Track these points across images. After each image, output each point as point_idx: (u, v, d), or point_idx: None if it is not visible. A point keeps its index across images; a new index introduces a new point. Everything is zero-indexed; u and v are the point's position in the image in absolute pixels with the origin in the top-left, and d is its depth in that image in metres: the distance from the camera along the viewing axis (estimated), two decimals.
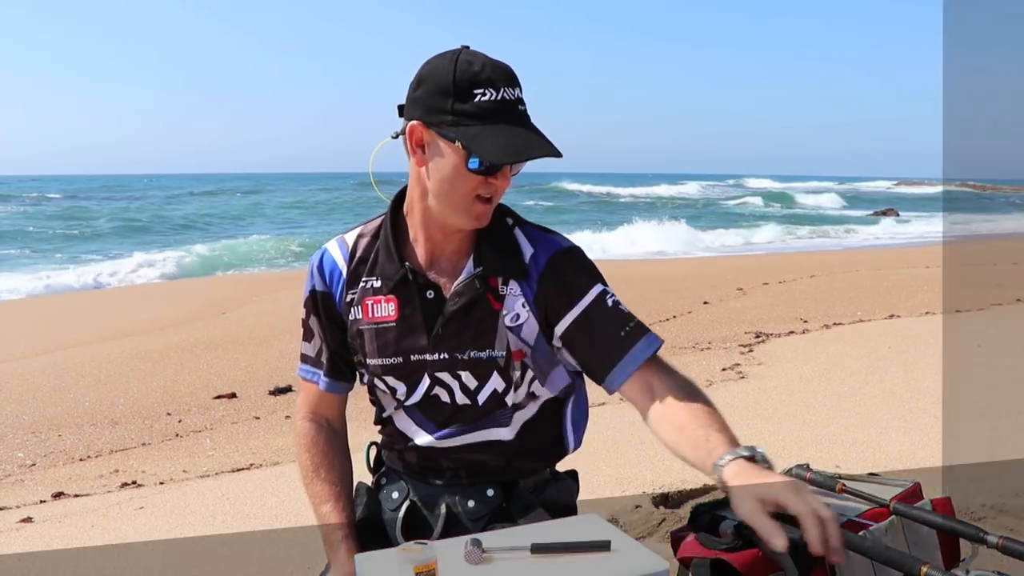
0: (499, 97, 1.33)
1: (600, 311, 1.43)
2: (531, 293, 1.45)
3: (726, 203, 39.42)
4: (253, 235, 22.08)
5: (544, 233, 1.51)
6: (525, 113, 1.37)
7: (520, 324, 1.45)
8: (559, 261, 1.46)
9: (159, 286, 13.16)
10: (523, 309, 1.45)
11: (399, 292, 1.46)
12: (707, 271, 12.86)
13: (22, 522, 3.67)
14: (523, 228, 1.51)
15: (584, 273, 1.46)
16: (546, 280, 1.44)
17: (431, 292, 1.46)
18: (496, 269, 1.45)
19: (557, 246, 1.48)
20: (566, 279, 1.45)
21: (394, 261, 1.46)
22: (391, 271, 1.46)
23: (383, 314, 1.48)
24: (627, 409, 3.99)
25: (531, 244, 1.48)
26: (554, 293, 1.44)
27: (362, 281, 1.49)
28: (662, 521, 3.09)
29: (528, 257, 1.46)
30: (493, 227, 1.47)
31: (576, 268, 1.47)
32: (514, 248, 1.47)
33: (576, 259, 1.48)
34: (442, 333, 1.45)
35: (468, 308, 1.44)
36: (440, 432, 1.49)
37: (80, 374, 6.54)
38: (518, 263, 1.46)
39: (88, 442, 5.03)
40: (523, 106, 1.37)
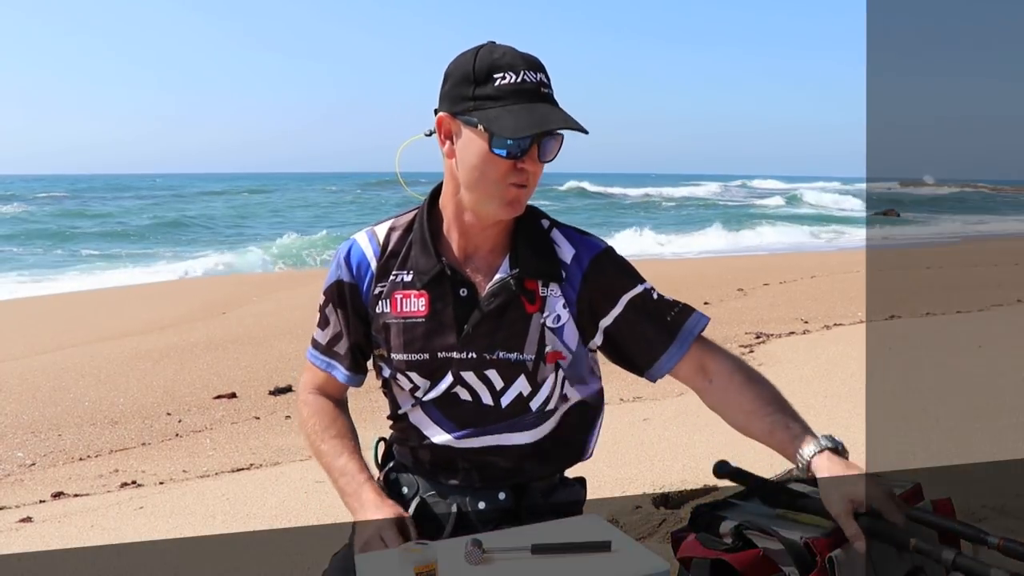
0: (519, 79, 1.34)
1: (647, 302, 1.47)
2: (573, 294, 1.46)
3: (762, 205, 38.36)
4: (291, 233, 21.48)
5: (582, 235, 1.52)
6: (549, 95, 1.37)
7: (561, 326, 1.45)
8: (603, 261, 1.49)
9: (159, 286, 13.15)
10: (564, 311, 1.45)
11: (432, 288, 1.45)
12: (707, 271, 12.86)
13: (21, 522, 3.67)
14: (561, 229, 1.51)
15: (627, 271, 1.51)
16: (590, 280, 1.46)
17: (464, 290, 1.45)
18: (532, 272, 1.45)
19: (598, 247, 1.50)
20: (611, 278, 1.48)
21: (431, 256, 1.45)
22: (426, 266, 1.45)
23: (412, 309, 1.46)
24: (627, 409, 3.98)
25: (572, 245, 1.49)
26: (599, 291, 1.47)
27: (392, 274, 1.48)
28: (662, 522, 3.08)
29: (570, 258, 1.47)
30: (529, 228, 1.48)
31: (619, 267, 1.50)
32: (550, 250, 1.48)
33: (618, 259, 1.52)
34: (472, 332, 1.44)
35: (502, 309, 1.44)
36: (459, 432, 1.48)
37: (80, 374, 6.53)
38: (554, 266, 1.46)
39: (88, 442, 5.03)
40: (547, 89, 1.37)
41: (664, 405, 4.92)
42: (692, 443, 4.06)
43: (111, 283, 13.54)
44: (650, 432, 4.34)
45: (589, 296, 1.46)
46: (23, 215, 28.59)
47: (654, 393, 5.26)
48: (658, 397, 5.06)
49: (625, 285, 1.47)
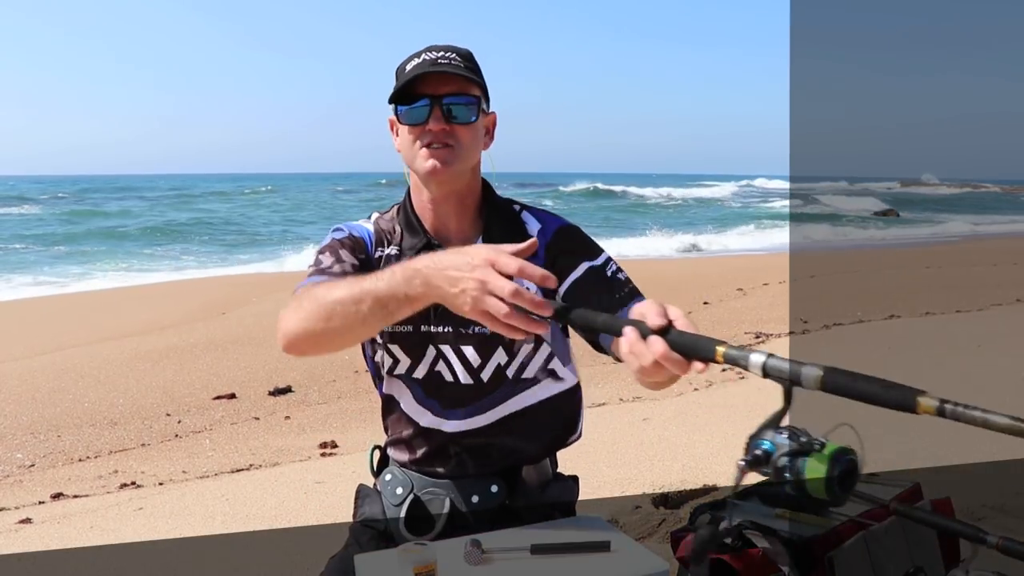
0: (420, 59, 1.47)
1: (604, 275, 1.48)
2: (539, 263, 1.46)
3: (781, 205, 37.81)
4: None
5: (549, 214, 1.59)
6: (447, 65, 1.45)
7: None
8: (566, 232, 1.54)
9: (159, 286, 13.14)
10: (531, 285, 1.46)
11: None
12: (707, 271, 12.86)
13: (21, 523, 3.67)
14: (529, 210, 1.59)
15: (588, 244, 1.53)
16: (552, 248, 1.51)
17: None
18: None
19: (563, 221, 1.57)
20: (572, 247, 1.51)
21: (417, 233, 1.53)
22: (412, 242, 1.53)
23: None
24: (627, 409, 3.98)
25: (538, 221, 1.56)
26: (562, 256, 1.50)
27: (392, 247, 1.55)
28: (662, 522, 3.08)
29: (536, 232, 1.53)
30: (501, 211, 1.56)
31: (581, 239, 1.54)
32: (521, 227, 1.55)
33: (580, 233, 1.57)
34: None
35: None
36: (448, 412, 1.52)
37: (79, 374, 6.53)
38: (523, 238, 1.48)
39: (87, 443, 5.03)
40: (447, 62, 1.46)
41: (664, 405, 4.91)
42: (692, 443, 4.06)
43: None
44: (650, 432, 4.34)
45: (552, 263, 1.49)
46: (41, 216, 27.94)
47: (653, 393, 5.26)
48: (658, 397, 5.06)
49: (587, 254, 1.50)
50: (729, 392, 5.02)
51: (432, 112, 1.45)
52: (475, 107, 1.48)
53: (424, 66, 1.46)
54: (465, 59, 1.50)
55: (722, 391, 5.06)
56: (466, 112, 1.47)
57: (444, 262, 1.10)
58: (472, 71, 1.49)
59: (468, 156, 1.49)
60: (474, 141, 1.50)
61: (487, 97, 1.54)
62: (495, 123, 1.58)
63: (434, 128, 1.45)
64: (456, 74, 1.45)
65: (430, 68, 1.45)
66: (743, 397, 4.92)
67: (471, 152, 1.50)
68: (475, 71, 1.51)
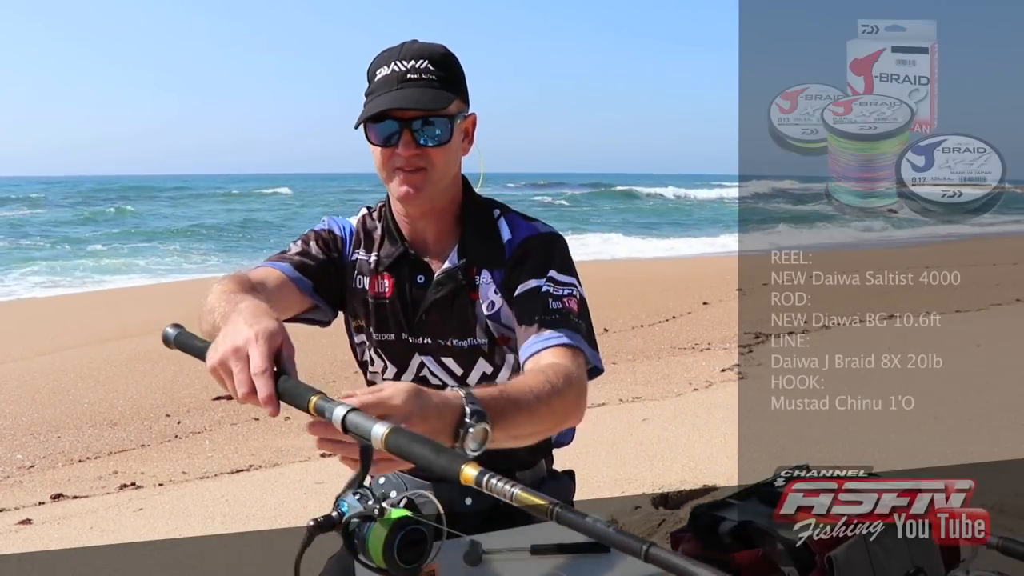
0: (389, 70, 1.38)
1: (532, 295, 1.40)
2: (500, 278, 1.47)
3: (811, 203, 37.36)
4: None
5: (526, 221, 1.52)
6: (418, 80, 1.37)
7: (497, 311, 1.47)
8: (527, 245, 1.46)
9: (159, 287, 13.14)
10: (496, 296, 1.47)
11: (394, 271, 1.50)
12: (707, 271, 12.86)
13: (21, 524, 3.66)
14: (507, 216, 1.52)
15: (542, 259, 1.44)
16: (512, 260, 1.46)
17: (421, 276, 1.49)
18: (478, 260, 1.48)
19: (532, 231, 1.49)
20: (526, 260, 1.44)
21: (395, 242, 1.51)
22: (389, 251, 1.51)
23: (382, 290, 1.51)
24: (627, 410, 3.98)
25: (511, 230, 1.50)
26: (515, 271, 1.45)
27: (372, 253, 1.53)
28: (662, 522, 3.09)
29: (505, 242, 1.49)
30: (479, 217, 1.51)
31: (539, 253, 1.45)
32: (495, 237, 1.50)
33: (543, 243, 1.47)
34: (425, 319, 1.48)
35: (449, 299, 1.47)
36: None
37: (79, 375, 6.53)
38: (498, 251, 1.48)
39: (87, 443, 5.03)
40: (418, 74, 1.38)
41: (663, 405, 4.92)
42: (691, 443, 4.06)
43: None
44: (649, 432, 4.34)
45: (510, 275, 1.46)
46: (73, 217, 26.65)
47: (653, 394, 5.26)
48: (657, 398, 5.06)
49: (536, 271, 1.42)
50: (729, 392, 5.02)
51: (401, 136, 1.37)
52: (448, 126, 1.40)
53: (391, 83, 1.37)
54: (439, 66, 1.40)
55: (722, 391, 5.06)
56: (438, 134, 1.39)
57: (233, 324, 1.10)
58: (446, 80, 1.40)
59: (443, 177, 1.43)
60: (449, 161, 1.43)
61: (465, 99, 1.45)
62: (475, 124, 1.49)
63: (404, 153, 1.38)
64: (427, 90, 1.36)
65: (397, 88, 1.36)
66: (743, 397, 4.91)
67: (447, 172, 1.44)
68: (449, 79, 1.41)
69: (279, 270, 1.47)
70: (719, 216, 28.51)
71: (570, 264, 1.46)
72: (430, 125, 1.38)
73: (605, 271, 12.62)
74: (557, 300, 1.38)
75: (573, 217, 27.52)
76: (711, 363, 6.06)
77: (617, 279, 10.58)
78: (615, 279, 10.54)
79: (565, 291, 1.40)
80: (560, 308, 1.37)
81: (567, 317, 1.36)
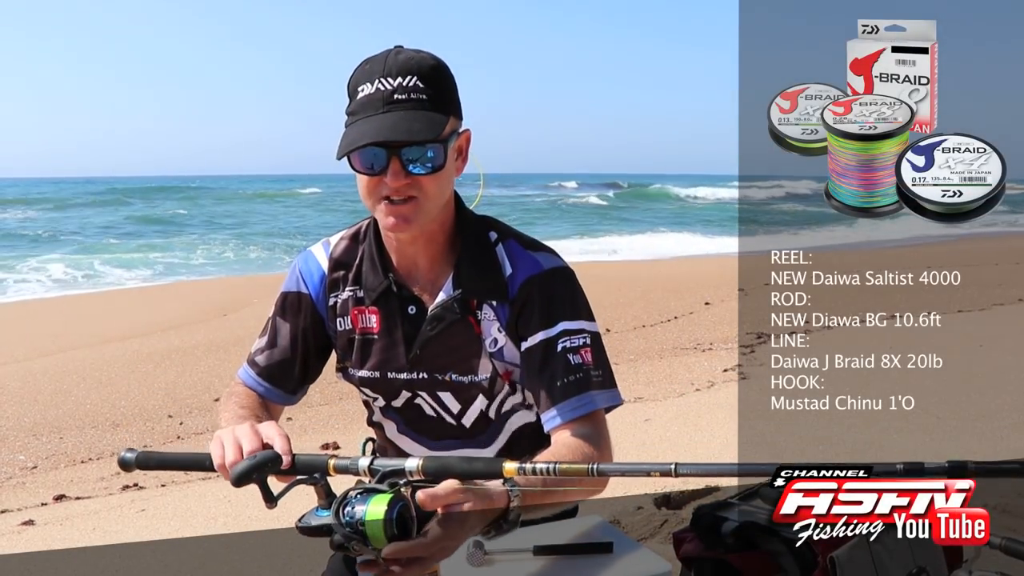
0: (373, 89, 1.25)
1: (546, 350, 1.34)
2: (505, 317, 1.38)
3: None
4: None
5: (526, 251, 1.41)
6: (405, 100, 1.25)
7: (500, 348, 1.39)
8: (532, 286, 1.37)
9: (160, 288, 13.15)
10: (499, 334, 1.38)
11: (381, 304, 1.41)
12: (708, 271, 12.85)
13: (23, 525, 3.67)
14: (506, 243, 1.41)
15: (553, 304, 1.36)
16: (516, 306, 1.37)
17: (413, 307, 1.39)
18: (476, 292, 1.38)
19: (536, 268, 1.38)
20: (533, 307, 1.36)
21: (378, 272, 1.41)
22: (374, 283, 1.41)
23: (368, 325, 1.43)
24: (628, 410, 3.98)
25: (511, 263, 1.39)
26: (522, 319, 1.37)
27: (349, 289, 1.44)
28: (664, 522, 3.09)
29: (507, 277, 1.38)
30: (474, 243, 1.40)
31: (545, 296, 1.37)
32: (495, 266, 1.39)
33: (550, 284, 1.38)
34: (420, 354, 1.40)
35: (448, 333, 1.38)
36: (433, 444, 1.46)
37: (81, 376, 6.54)
38: (498, 284, 1.38)
39: (89, 444, 5.03)
40: (406, 94, 1.24)
41: (665, 406, 4.92)
42: (693, 443, 4.06)
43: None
44: (651, 433, 4.34)
45: (516, 320, 1.37)
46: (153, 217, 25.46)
47: (655, 394, 5.26)
48: (659, 398, 5.06)
49: (544, 322, 1.34)
50: (731, 392, 5.02)
51: (389, 163, 1.25)
52: (441, 151, 1.27)
53: (376, 105, 1.24)
54: (428, 82, 1.26)
55: (724, 391, 5.06)
56: (431, 158, 1.26)
57: (240, 427, 1.19)
58: (437, 99, 1.27)
59: (436, 205, 1.32)
60: (442, 187, 1.31)
61: (459, 116, 1.33)
62: (469, 140, 1.37)
63: (392, 183, 1.26)
64: (418, 114, 1.24)
65: (383, 111, 1.23)
66: (745, 397, 4.91)
67: (440, 200, 1.32)
68: (440, 97, 1.28)
69: (252, 389, 1.48)
70: (774, 216, 27.95)
71: (578, 302, 1.38)
72: (421, 150, 1.25)
73: (609, 271, 12.62)
74: (575, 354, 1.32)
75: (625, 218, 26.04)
76: (713, 363, 6.06)
77: (620, 279, 10.58)
78: (618, 279, 10.54)
79: (579, 341, 1.33)
80: (580, 364, 1.32)
81: (588, 376, 1.32)
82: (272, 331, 1.49)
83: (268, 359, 1.48)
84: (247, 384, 1.49)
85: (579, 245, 18.14)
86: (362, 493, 1.01)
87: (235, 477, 1.11)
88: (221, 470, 1.17)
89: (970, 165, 1.29)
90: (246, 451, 1.14)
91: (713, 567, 1.26)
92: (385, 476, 1.06)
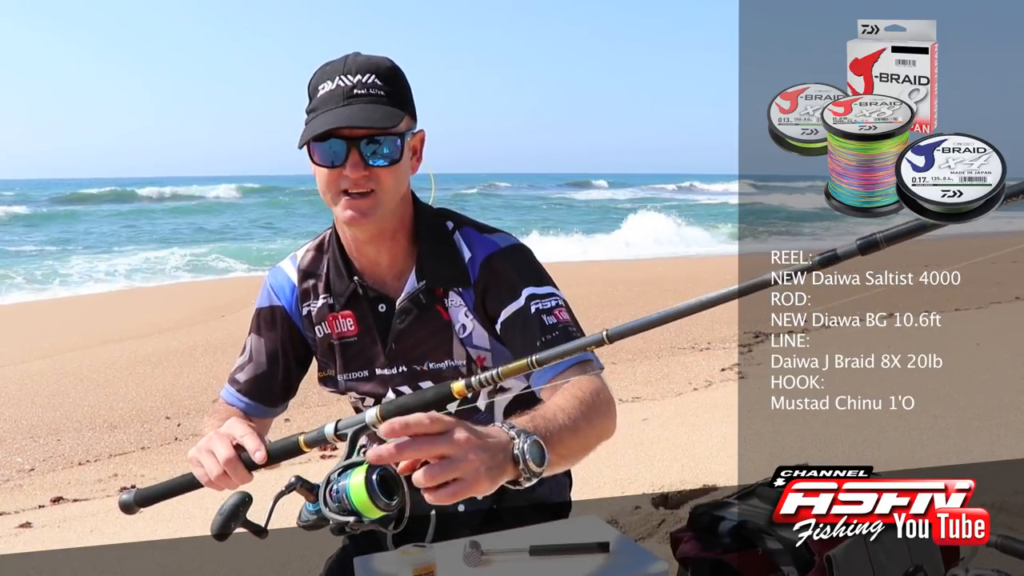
0: (333, 87, 1.31)
1: (520, 318, 1.36)
2: (471, 300, 1.42)
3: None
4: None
5: (482, 234, 1.45)
6: (365, 95, 1.30)
7: (469, 334, 1.43)
8: (492, 263, 1.41)
9: (159, 289, 13.14)
10: (467, 318, 1.42)
11: (353, 307, 1.45)
12: (706, 271, 12.86)
13: (21, 527, 3.66)
14: (462, 230, 1.46)
15: (516, 275, 1.40)
16: (479, 285, 1.40)
17: (383, 305, 1.44)
18: (439, 280, 1.42)
19: (493, 247, 1.43)
20: (497, 283, 1.40)
21: (343, 277, 1.44)
22: (341, 287, 1.45)
23: (345, 329, 1.47)
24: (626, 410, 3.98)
25: (469, 247, 1.43)
26: (488, 297, 1.40)
27: (321, 298, 1.48)
28: (662, 522, 3.09)
29: (467, 261, 1.42)
30: (433, 234, 1.44)
31: (507, 270, 1.40)
32: (454, 254, 1.43)
33: (509, 259, 1.42)
34: (396, 348, 1.43)
35: (418, 324, 1.42)
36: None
37: (79, 378, 6.53)
38: (460, 270, 1.42)
39: (87, 446, 5.03)
40: (366, 89, 1.30)
41: (663, 405, 4.92)
42: (691, 443, 4.06)
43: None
44: (649, 432, 4.34)
45: (483, 301, 1.41)
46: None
47: (653, 393, 5.26)
48: (657, 397, 5.06)
49: (510, 294, 1.37)
50: (729, 392, 5.02)
51: (348, 155, 1.30)
52: (398, 144, 1.33)
53: (336, 99, 1.30)
54: (386, 80, 1.33)
55: (722, 391, 5.06)
56: (388, 153, 1.32)
57: (206, 438, 1.28)
58: (394, 96, 1.34)
59: (393, 199, 1.37)
60: (399, 181, 1.36)
61: (414, 115, 1.39)
62: (423, 141, 1.42)
63: (352, 175, 1.31)
64: (376, 107, 1.29)
65: (344, 104, 1.29)
66: (743, 397, 4.91)
67: (396, 193, 1.37)
68: (397, 94, 1.35)
69: (233, 406, 1.52)
70: (774, 216, 27.67)
71: (541, 271, 1.42)
72: (379, 144, 1.31)
73: (605, 271, 12.62)
74: (549, 315, 1.35)
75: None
76: (711, 363, 6.06)
77: (617, 279, 10.58)
78: (615, 279, 10.54)
79: (551, 303, 1.36)
80: (556, 323, 1.34)
81: (567, 332, 1.34)
82: (250, 348, 1.54)
83: (248, 375, 1.53)
84: (228, 402, 1.54)
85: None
86: (340, 472, 1.03)
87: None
88: (211, 486, 1.23)
89: (970, 165, 1.29)
90: (221, 459, 1.21)
91: (711, 567, 1.25)
92: (352, 437, 1.07)
